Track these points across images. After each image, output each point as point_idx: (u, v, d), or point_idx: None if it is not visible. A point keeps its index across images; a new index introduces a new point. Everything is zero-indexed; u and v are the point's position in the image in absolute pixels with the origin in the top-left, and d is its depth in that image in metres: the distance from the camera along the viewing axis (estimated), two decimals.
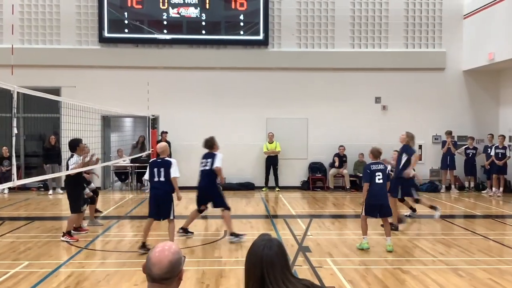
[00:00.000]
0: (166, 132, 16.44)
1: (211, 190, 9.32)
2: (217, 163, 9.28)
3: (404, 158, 10.51)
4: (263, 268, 2.39)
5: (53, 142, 15.84)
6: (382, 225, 9.20)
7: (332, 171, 16.90)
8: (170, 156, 9.89)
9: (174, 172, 8.26)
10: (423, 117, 17.34)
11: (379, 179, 8.48)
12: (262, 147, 16.96)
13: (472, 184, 16.91)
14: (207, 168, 9.29)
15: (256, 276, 2.40)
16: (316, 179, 17.23)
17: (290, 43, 17.34)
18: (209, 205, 9.55)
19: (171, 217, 8.30)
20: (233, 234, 9.10)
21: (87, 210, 10.24)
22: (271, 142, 16.90)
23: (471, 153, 16.64)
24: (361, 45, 17.41)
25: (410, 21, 17.48)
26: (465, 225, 11.09)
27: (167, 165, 8.26)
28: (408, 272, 7.15)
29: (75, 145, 9.63)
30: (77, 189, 9.42)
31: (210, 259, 7.96)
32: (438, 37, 17.55)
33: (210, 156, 9.38)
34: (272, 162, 16.86)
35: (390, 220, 9.14)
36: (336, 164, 16.70)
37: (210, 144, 9.58)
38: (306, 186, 17.12)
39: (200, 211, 9.54)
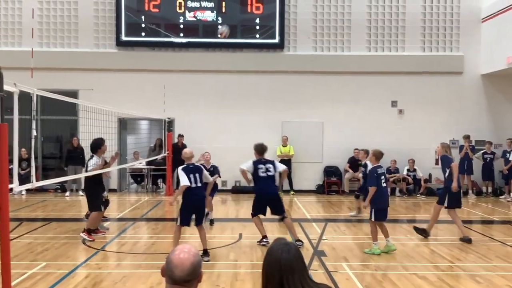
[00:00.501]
0: (182, 136, 16.52)
1: (278, 196, 9.38)
2: (282, 166, 9.74)
3: (447, 170, 9.93)
4: (282, 272, 2.39)
5: (76, 144, 16.00)
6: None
7: (348, 175, 16.81)
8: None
9: (207, 177, 8.27)
10: (440, 122, 17.19)
11: (384, 182, 8.51)
12: (276, 151, 16.95)
13: (490, 189, 16.70)
14: (271, 173, 9.22)
15: (274, 280, 2.40)
16: (331, 183, 17.16)
17: (305, 47, 17.32)
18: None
19: (203, 223, 8.18)
20: (298, 240, 8.91)
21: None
22: (285, 145, 16.88)
23: (488, 158, 16.45)
24: (377, 49, 17.33)
25: (427, 25, 17.36)
26: (483, 230, 10.96)
27: (201, 171, 8.14)
28: (425, 278, 7.08)
29: (98, 146, 9.70)
30: (97, 189, 9.56)
31: (225, 262, 7.97)
32: (455, 40, 17.41)
33: (270, 161, 9.43)
34: (286, 165, 16.74)
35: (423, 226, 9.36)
36: (349, 170, 16.57)
37: (266, 150, 9.62)
38: (321, 190, 17.06)
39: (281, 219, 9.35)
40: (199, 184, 8.01)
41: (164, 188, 16.77)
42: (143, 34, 17.12)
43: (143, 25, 17.09)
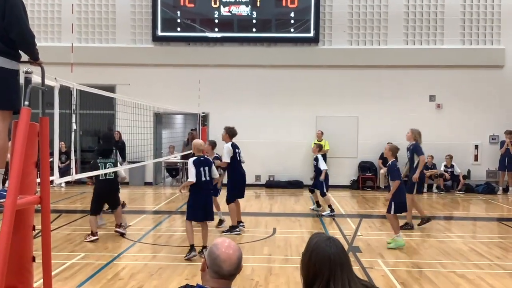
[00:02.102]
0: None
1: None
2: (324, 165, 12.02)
3: (417, 158, 10.35)
4: (331, 267, 2.36)
5: (117, 138, 16.31)
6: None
7: (383, 170, 16.55)
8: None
9: (215, 173, 8.13)
10: (480, 116, 16.75)
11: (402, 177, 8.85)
12: (311, 145, 16.84)
13: None
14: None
15: (323, 276, 2.36)
16: (366, 178, 16.97)
17: (341, 40, 17.13)
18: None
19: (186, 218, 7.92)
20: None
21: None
22: (320, 140, 16.76)
23: None
24: (415, 42, 16.99)
25: (467, 17, 16.90)
26: None
27: (210, 164, 8.01)
28: (463, 276, 6.92)
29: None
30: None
31: (259, 256, 7.98)
32: (496, 33, 16.89)
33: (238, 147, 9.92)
34: None
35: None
36: (382, 166, 16.24)
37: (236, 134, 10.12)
38: (355, 186, 16.89)
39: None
40: (207, 178, 7.88)
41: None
42: (178, 29, 17.28)
43: (178, 21, 17.24)
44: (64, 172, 12.37)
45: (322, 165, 11.89)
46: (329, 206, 11.66)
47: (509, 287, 6.48)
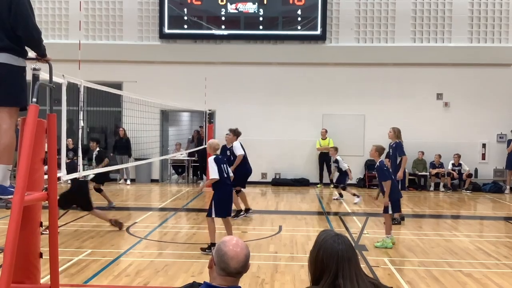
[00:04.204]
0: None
1: None
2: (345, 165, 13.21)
3: (399, 158, 10.66)
4: (339, 263, 2.38)
5: (122, 134, 16.38)
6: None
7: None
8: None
9: (229, 170, 8.34)
10: (487, 115, 16.65)
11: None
12: (316, 144, 16.83)
13: None
14: None
15: (331, 272, 2.38)
16: (373, 176, 16.86)
17: (348, 38, 17.07)
18: None
19: (211, 216, 7.89)
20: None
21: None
22: (324, 138, 16.74)
23: None
24: (422, 40, 16.91)
25: (475, 15, 16.79)
26: None
27: (226, 162, 8.36)
28: (470, 275, 6.89)
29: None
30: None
31: (265, 253, 7.98)
32: (504, 31, 16.77)
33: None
34: (325, 158, 16.69)
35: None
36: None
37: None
38: (362, 184, 16.86)
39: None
40: (230, 174, 8.20)
41: (205, 179, 16.94)
42: (185, 26, 17.29)
43: (185, 18, 17.25)
44: (71, 168, 12.40)
45: (344, 165, 13.09)
46: (354, 194, 13.22)
47: None
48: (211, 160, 7.93)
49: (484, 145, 16.78)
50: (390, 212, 8.55)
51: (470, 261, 7.70)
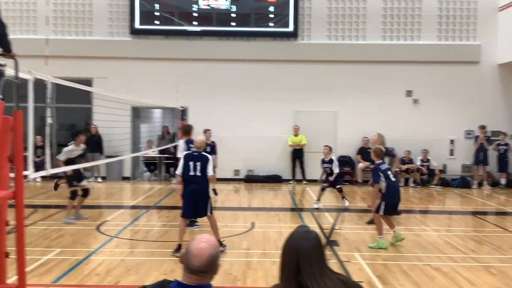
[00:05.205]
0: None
1: None
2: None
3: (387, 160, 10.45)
4: (299, 259, 2.37)
5: (94, 132, 16.13)
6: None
7: (361, 165, 16.70)
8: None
9: (211, 170, 7.82)
10: (456, 112, 17.00)
11: (392, 177, 8.37)
12: (288, 140, 16.90)
13: (503, 181, 16.44)
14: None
15: (291, 267, 2.38)
16: (345, 172, 17.03)
17: (320, 35, 17.18)
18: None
19: (208, 214, 7.79)
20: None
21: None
22: (296, 135, 16.82)
23: (502, 149, 16.23)
24: (392, 38, 17.13)
25: (444, 13, 17.10)
26: (497, 222, 10.87)
27: (205, 160, 7.74)
28: (438, 269, 7.04)
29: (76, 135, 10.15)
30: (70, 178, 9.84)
31: (237, 250, 7.99)
32: (472, 29, 17.14)
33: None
34: (298, 155, 16.80)
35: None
36: (360, 160, 16.34)
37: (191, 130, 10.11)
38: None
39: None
40: (198, 173, 7.65)
41: (177, 176, 16.82)
42: (157, 22, 17.11)
43: (157, 14, 17.08)
44: (40, 166, 12.17)
45: (337, 169, 12.01)
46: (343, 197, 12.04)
47: (483, 279, 6.60)
48: (182, 156, 7.88)
49: (452, 141, 17.13)
50: (381, 213, 8.34)
51: (439, 255, 7.86)
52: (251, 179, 16.99)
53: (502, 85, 17.14)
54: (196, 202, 7.70)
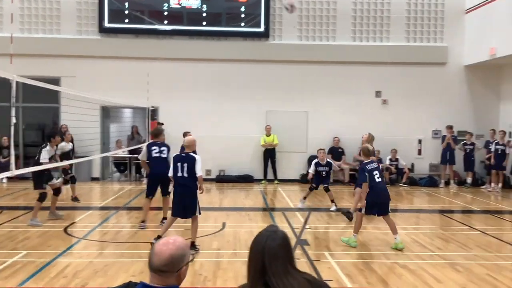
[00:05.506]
0: (162, 123, 16.16)
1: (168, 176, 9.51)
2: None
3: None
4: (265, 259, 2.39)
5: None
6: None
7: (334, 164, 16.84)
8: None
9: (199, 170, 7.87)
10: (423, 112, 17.32)
11: (378, 178, 8.32)
12: (260, 140, 16.93)
13: (469, 180, 16.84)
14: (164, 155, 9.61)
15: (257, 267, 2.40)
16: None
17: (291, 36, 17.27)
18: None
19: (197, 214, 7.95)
20: None
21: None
22: (268, 135, 16.87)
23: (469, 149, 16.60)
24: (362, 39, 17.35)
25: (412, 15, 17.41)
26: (464, 220, 11.10)
27: (192, 161, 7.84)
28: (406, 267, 7.16)
29: (52, 135, 9.93)
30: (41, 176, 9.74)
31: (208, 251, 7.96)
32: (439, 31, 17.49)
33: (165, 145, 9.82)
34: (270, 155, 16.84)
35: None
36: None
37: (161, 132, 10.22)
38: (305, 180, 17.07)
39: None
40: (185, 174, 7.80)
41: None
42: (126, 21, 16.91)
43: (126, 12, 16.87)
44: (6, 167, 11.89)
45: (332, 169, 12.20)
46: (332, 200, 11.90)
47: (448, 276, 6.74)
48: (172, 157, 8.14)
49: (420, 141, 17.45)
50: (363, 211, 8.35)
51: (406, 253, 8.00)
52: (223, 179, 16.96)
53: (468, 86, 17.55)
54: (184, 203, 7.86)
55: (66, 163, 11.17)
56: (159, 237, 7.73)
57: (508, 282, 6.50)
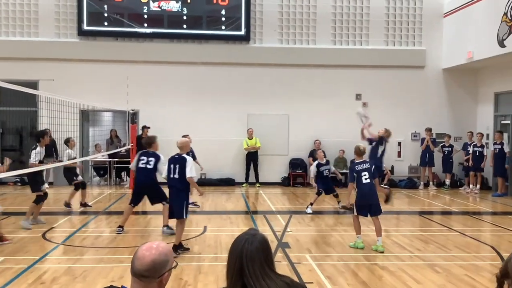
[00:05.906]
0: (148, 127, 16.09)
1: (153, 185, 9.57)
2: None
3: (381, 148, 11.49)
4: (243, 262, 2.40)
5: (47, 141, 15.52)
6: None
7: (313, 167, 16.89)
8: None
9: (189, 172, 7.85)
10: (403, 114, 17.50)
11: (365, 179, 8.35)
12: (242, 143, 16.92)
13: (448, 181, 17.03)
14: (150, 166, 9.31)
15: (235, 270, 2.41)
16: (297, 175, 17.28)
17: (271, 39, 17.31)
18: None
19: (184, 217, 7.94)
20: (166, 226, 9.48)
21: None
22: (251, 138, 16.87)
23: (447, 151, 16.82)
24: (342, 42, 17.47)
25: (391, 19, 17.60)
26: (442, 221, 11.24)
27: (182, 162, 7.87)
28: (386, 268, 7.21)
29: (41, 136, 10.00)
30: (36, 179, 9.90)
31: (189, 254, 7.92)
32: (418, 35, 17.71)
33: (155, 155, 9.50)
34: (252, 158, 16.84)
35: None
36: (312, 162, 16.50)
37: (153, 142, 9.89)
38: (286, 182, 17.15)
39: None
40: (176, 176, 7.89)
41: (128, 181, 16.53)
42: (106, 23, 16.77)
43: (106, 15, 16.74)
44: None
45: (333, 168, 12.71)
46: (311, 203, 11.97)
47: (428, 277, 6.81)
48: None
49: (399, 143, 17.62)
50: (355, 213, 8.44)
51: (386, 254, 8.06)
52: (204, 183, 16.84)
53: (446, 89, 17.80)
54: (172, 202, 8.11)
55: (44, 166, 10.97)
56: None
57: (486, 282, 6.59)
